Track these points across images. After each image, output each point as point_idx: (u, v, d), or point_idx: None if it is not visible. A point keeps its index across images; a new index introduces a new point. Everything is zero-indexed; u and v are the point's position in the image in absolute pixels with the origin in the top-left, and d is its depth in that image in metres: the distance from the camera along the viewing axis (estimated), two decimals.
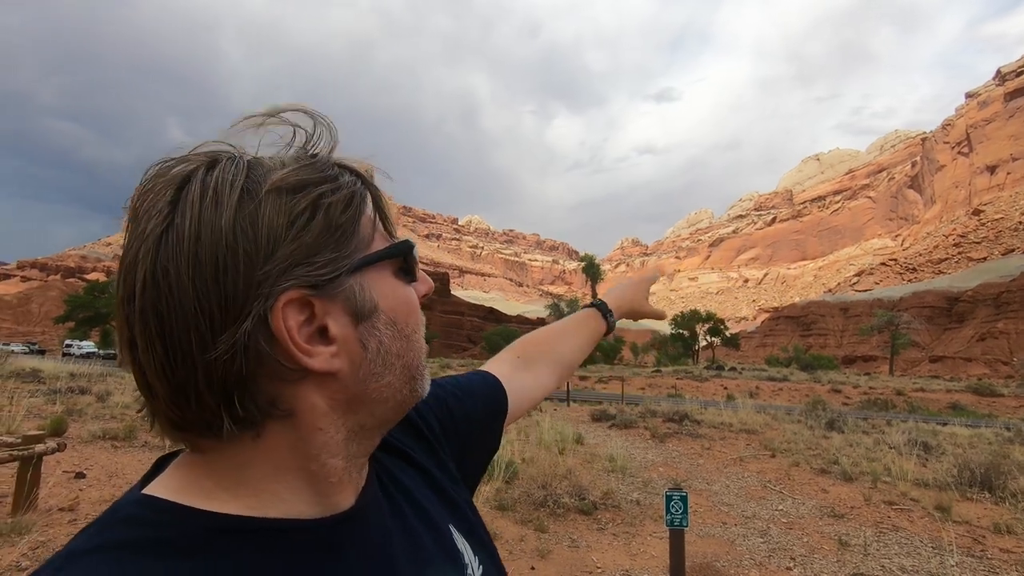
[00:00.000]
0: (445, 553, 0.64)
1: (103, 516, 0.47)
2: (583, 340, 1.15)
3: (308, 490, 0.53)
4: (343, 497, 0.55)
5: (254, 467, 0.50)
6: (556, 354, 1.09)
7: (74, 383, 14.79)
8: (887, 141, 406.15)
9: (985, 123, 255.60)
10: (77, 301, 70.28)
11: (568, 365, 1.11)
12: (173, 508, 0.48)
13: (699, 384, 36.94)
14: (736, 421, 14.28)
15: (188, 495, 0.49)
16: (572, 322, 1.16)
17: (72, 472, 6.32)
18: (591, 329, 1.17)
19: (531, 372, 1.03)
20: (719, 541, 5.84)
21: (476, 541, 0.70)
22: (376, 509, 0.59)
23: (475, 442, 0.86)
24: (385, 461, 0.67)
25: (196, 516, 0.47)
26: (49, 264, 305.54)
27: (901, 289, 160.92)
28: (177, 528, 0.46)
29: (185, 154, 0.50)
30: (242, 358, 0.45)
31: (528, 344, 1.09)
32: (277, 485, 0.51)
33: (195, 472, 0.51)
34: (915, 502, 7.32)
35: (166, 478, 0.52)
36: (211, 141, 0.51)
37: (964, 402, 31.52)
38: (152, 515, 0.47)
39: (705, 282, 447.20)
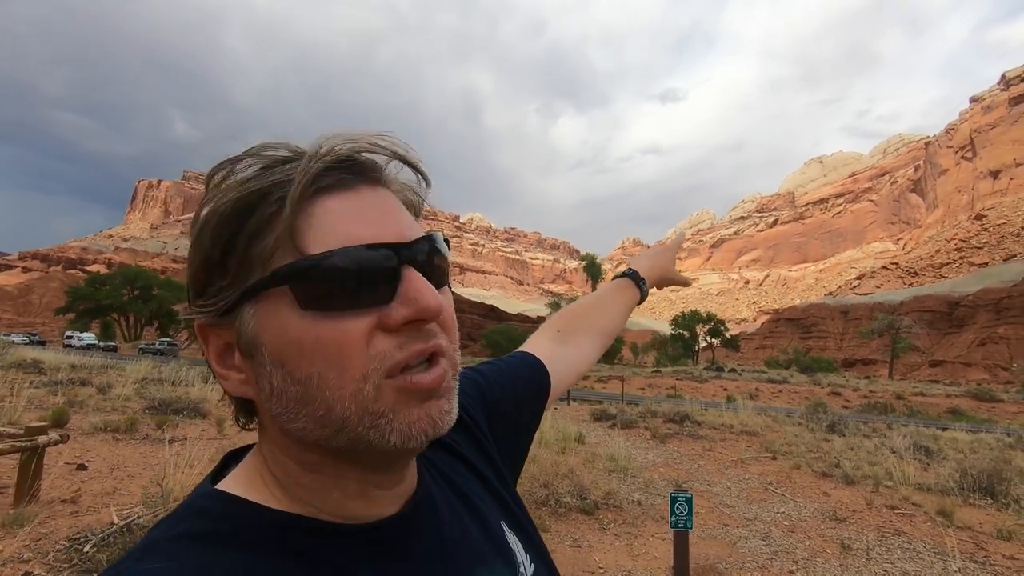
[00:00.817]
0: (498, 551, 0.62)
1: (178, 509, 0.50)
2: (620, 309, 1.15)
3: (338, 492, 0.52)
4: (387, 502, 0.55)
5: (285, 465, 0.52)
6: (596, 324, 1.09)
7: (75, 374, 14.80)
8: (890, 145, 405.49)
9: (989, 128, 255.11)
10: (78, 293, 70.43)
11: (608, 334, 1.11)
12: (242, 503, 0.50)
13: (699, 385, 36.94)
14: (737, 423, 14.27)
15: (254, 491, 0.51)
16: (608, 292, 1.16)
17: (74, 464, 6.32)
18: (626, 298, 1.17)
19: (573, 344, 1.03)
20: (721, 543, 5.82)
21: (526, 538, 0.69)
22: (428, 510, 0.58)
23: (520, 427, 0.85)
24: (434, 458, 0.66)
25: (262, 512, 0.50)
26: (51, 255, 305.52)
27: (902, 293, 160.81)
28: (246, 522, 0.48)
29: (268, 145, 0.50)
30: None
31: (567, 317, 1.09)
32: (310, 484, 0.51)
33: (258, 469, 0.54)
34: (917, 507, 7.30)
35: (237, 474, 0.54)
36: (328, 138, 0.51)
37: (964, 407, 31.49)
38: (223, 508, 0.49)
39: (706, 283, 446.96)
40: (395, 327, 0.47)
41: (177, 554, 0.44)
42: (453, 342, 0.53)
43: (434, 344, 0.49)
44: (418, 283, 0.48)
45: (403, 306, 0.47)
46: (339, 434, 0.47)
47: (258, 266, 0.47)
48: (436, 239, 0.54)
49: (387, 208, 0.52)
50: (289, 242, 0.47)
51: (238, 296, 0.47)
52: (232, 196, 0.47)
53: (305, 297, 0.46)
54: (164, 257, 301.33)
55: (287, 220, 0.46)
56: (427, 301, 0.48)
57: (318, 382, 0.46)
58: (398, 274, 0.48)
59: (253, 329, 0.48)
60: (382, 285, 0.48)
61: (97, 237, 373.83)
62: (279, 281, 0.46)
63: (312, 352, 0.46)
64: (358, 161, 0.51)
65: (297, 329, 0.46)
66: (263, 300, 0.47)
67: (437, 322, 0.51)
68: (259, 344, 0.47)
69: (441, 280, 0.54)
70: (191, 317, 0.50)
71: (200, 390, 12.83)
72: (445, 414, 0.50)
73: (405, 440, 0.47)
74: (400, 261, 0.49)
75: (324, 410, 0.46)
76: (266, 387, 0.48)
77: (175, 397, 11.00)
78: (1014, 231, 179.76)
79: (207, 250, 0.48)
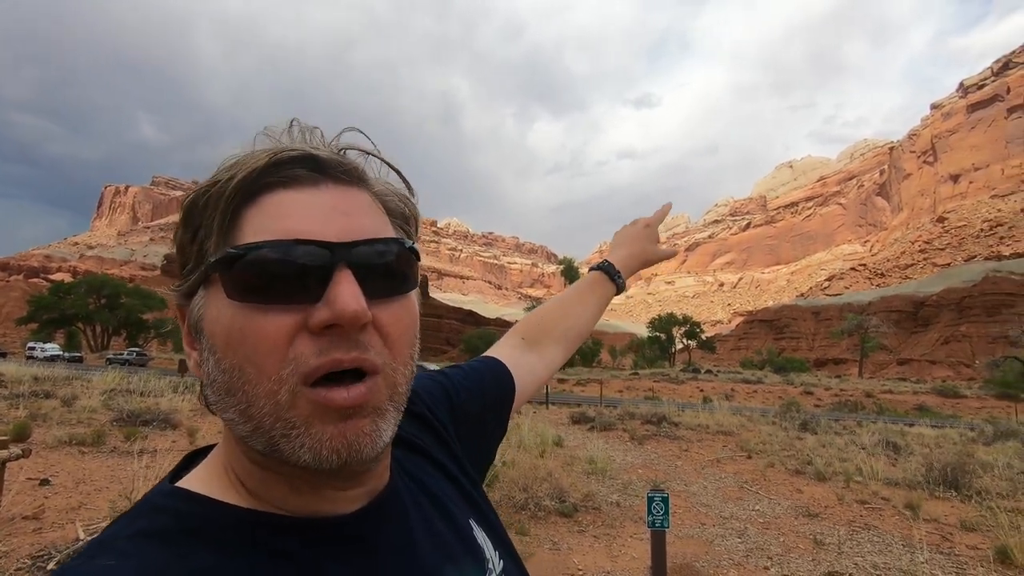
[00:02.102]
0: (467, 548, 0.62)
1: (134, 507, 0.49)
2: (591, 309, 1.10)
3: (292, 492, 0.51)
4: (351, 501, 0.53)
5: (240, 461, 0.51)
6: (562, 329, 1.05)
7: (38, 387, 14.26)
8: (856, 149, 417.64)
9: (949, 134, 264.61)
10: (41, 302, 67.99)
11: (576, 338, 1.07)
12: (202, 499, 0.49)
13: (676, 387, 37.38)
14: (713, 423, 14.48)
15: (215, 488, 0.51)
16: (578, 290, 1.11)
17: (36, 479, 6.10)
18: (599, 295, 1.11)
19: (537, 352, 1.00)
20: (698, 542, 5.90)
21: (495, 536, 0.69)
22: (396, 507, 0.57)
23: (486, 432, 0.84)
24: (401, 457, 0.65)
25: (223, 508, 0.49)
26: (11, 264, 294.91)
27: (870, 294, 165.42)
28: (206, 519, 0.47)
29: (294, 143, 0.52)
30: None
31: (532, 324, 1.05)
32: (264, 480, 0.51)
33: (221, 465, 0.53)
34: (886, 501, 7.51)
35: (198, 472, 0.54)
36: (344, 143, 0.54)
37: (930, 403, 32.55)
38: (182, 506, 0.48)
39: (681, 286, 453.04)
40: (316, 330, 0.45)
41: (132, 552, 0.43)
42: (397, 359, 0.50)
43: (355, 356, 0.46)
44: (343, 287, 0.45)
45: (324, 308, 0.45)
46: (256, 434, 0.46)
47: (212, 252, 0.48)
48: (391, 245, 0.51)
49: (346, 207, 0.50)
50: (233, 230, 0.48)
51: (193, 280, 0.49)
52: (206, 182, 0.49)
53: (231, 286, 0.46)
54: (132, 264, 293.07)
55: (227, 209, 0.48)
56: (344, 305, 0.44)
57: (240, 374, 0.45)
58: (329, 274, 0.46)
59: (198, 313, 0.49)
60: (313, 284, 0.46)
61: (61, 244, 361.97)
62: (212, 269, 0.47)
63: (236, 343, 0.45)
64: (322, 158, 0.50)
65: (226, 318, 0.46)
66: (210, 286, 0.48)
67: (380, 335, 0.48)
68: (201, 328, 0.49)
69: (393, 289, 0.51)
70: (171, 295, 0.53)
71: (170, 400, 12.50)
72: (365, 437, 0.46)
73: (316, 459, 0.45)
74: (335, 261, 0.46)
75: (244, 404, 0.45)
76: (206, 371, 0.48)
77: (144, 408, 10.69)
78: (974, 233, 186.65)
79: (180, 234, 0.51)
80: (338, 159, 0.51)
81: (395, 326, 0.50)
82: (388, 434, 0.49)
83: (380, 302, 0.49)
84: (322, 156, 0.50)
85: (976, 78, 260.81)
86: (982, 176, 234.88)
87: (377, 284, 0.48)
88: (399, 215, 0.57)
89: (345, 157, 0.52)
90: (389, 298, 0.50)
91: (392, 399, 0.50)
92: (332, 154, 0.51)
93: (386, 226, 0.53)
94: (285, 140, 0.52)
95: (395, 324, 0.50)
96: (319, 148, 0.51)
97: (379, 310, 0.48)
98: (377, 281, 0.49)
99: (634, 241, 1.19)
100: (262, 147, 0.50)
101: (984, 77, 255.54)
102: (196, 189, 0.50)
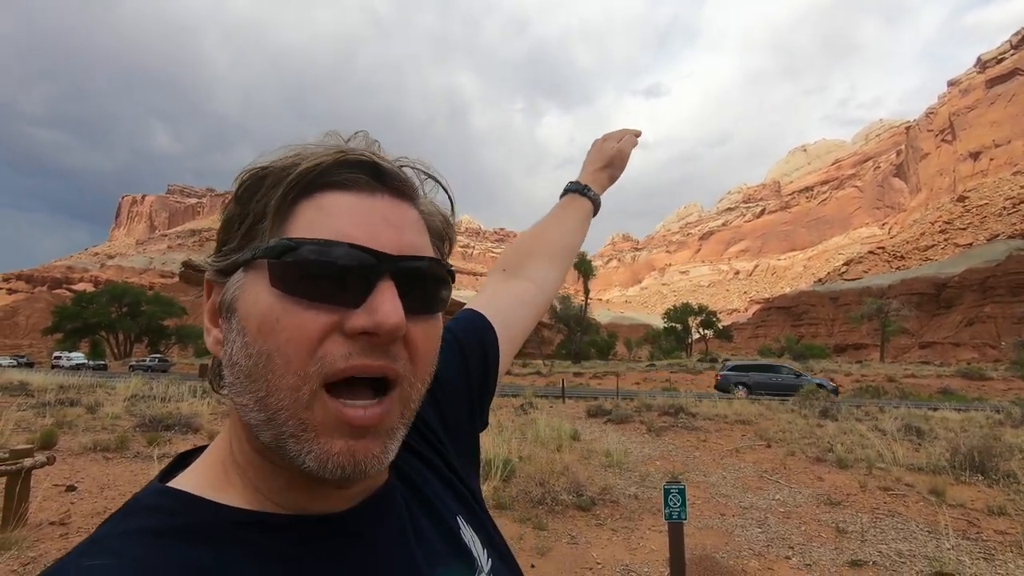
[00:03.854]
0: (455, 549, 0.62)
1: (125, 506, 0.49)
2: (572, 224, 1.08)
3: (289, 484, 0.51)
4: (344, 499, 0.54)
5: (244, 449, 0.51)
6: (546, 247, 1.02)
7: (64, 395, 14.58)
8: (872, 130, 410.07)
9: (967, 110, 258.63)
10: (65, 312, 69.62)
11: (565, 252, 1.04)
12: (191, 499, 0.49)
13: (693, 377, 37.15)
14: (731, 412, 14.34)
15: (209, 485, 0.51)
16: (553, 214, 1.09)
17: (63, 485, 6.22)
18: (577, 210, 1.10)
19: (524, 277, 0.97)
20: (717, 532, 5.85)
21: (485, 536, 0.68)
22: (386, 508, 0.57)
23: (472, 398, 0.81)
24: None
25: (212, 507, 0.49)
26: (35, 276, 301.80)
27: (889, 277, 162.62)
28: (197, 518, 0.48)
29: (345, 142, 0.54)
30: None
31: (512, 252, 1.02)
32: (265, 470, 0.51)
33: (220, 459, 0.53)
34: (910, 487, 7.38)
35: (193, 469, 0.54)
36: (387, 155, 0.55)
37: (954, 387, 31.90)
38: (173, 505, 0.49)
39: (696, 275, 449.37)
40: (351, 334, 0.46)
41: (122, 551, 0.43)
42: (418, 375, 0.51)
43: (383, 364, 0.47)
44: (386, 297, 0.46)
45: (364, 315, 0.46)
46: (267, 425, 0.46)
47: (259, 237, 0.49)
48: (433, 264, 0.52)
49: (397, 220, 0.51)
50: (286, 221, 0.49)
51: (236, 259, 0.50)
52: (261, 165, 0.50)
53: (277, 276, 0.46)
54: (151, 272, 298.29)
55: (284, 201, 0.49)
56: (385, 316, 0.45)
57: (266, 362, 0.45)
58: (373, 282, 0.47)
59: (234, 293, 0.49)
60: (355, 288, 0.46)
61: (82, 255, 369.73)
62: (262, 254, 0.47)
63: (269, 332, 0.46)
64: (384, 167, 0.51)
65: (265, 304, 0.46)
66: (252, 269, 0.48)
67: (408, 349, 0.49)
68: (234, 308, 0.49)
69: (428, 307, 0.52)
70: (204, 268, 0.53)
71: (191, 405, 12.70)
72: (373, 458, 0.47)
73: (319, 468, 0.45)
74: (380, 270, 0.47)
75: (264, 393, 0.46)
76: (228, 352, 0.49)
77: (166, 413, 10.87)
78: (996, 211, 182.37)
79: (231, 210, 0.51)
80: (397, 172, 0.52)
81: (424, 342, 0.50)
82: (393, 454, 0.50)
83: (414, 318, 0.49)
84: (384, 166, 0.51)
85: (994, 52, 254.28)
86: (1003, 152, 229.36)
87: (415, 300, 0.49)
88: (437, 235, 0.58)
89: (403, 171, 0.53)
90: (423, 315, 0.51)
91: (403, 416, 0.51)
92: (392, 166, 0.52)
93: (428, 245, 0.54)
94: (352, 144, 0.53)
95: (424, 341, 0.51)
96: (383, 158, 0.52)
97: (412, 325, 0.49)
98: (416, 298, 0.49)
99: (596, 155, 1.19)
100: (329, 144, 0.51)
101: (1003, 51, 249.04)
102: (254, 167, 0.50)
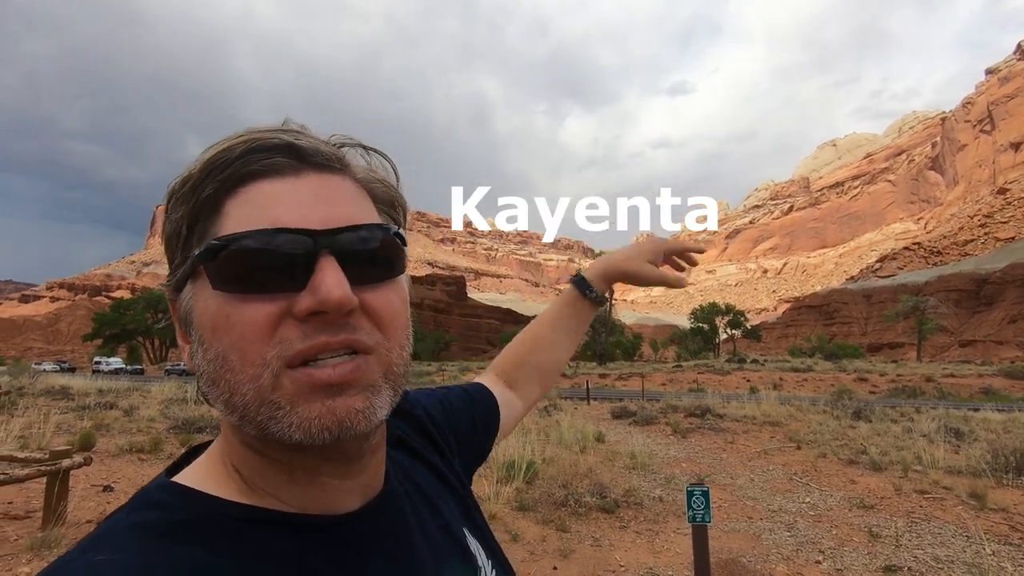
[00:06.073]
0: (461, 553, 0.63)
1: (131, 501, 0.49)
2: (567, 337, 1.03)
3: (290, 481, 0.51)
4: (346, 495, 0.53)
5: (239, 451, 0.51)
6: (534, 364, 1.02)
7: (102, 399, 15.13)
8: (905, 123, 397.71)
9: (1007, 99, 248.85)
10: (104, 319, 72.22)
11: (551, 370, 1.04)
12: (196, 495, 0.49)
13: (721, 377, 36.50)
14: (759, 413, 14.05)
15: (212, 482, 0.51)
16: (550, 317, 1.04)
17: (100, 485, 6.45)
18: (572, 316, 1.03)
19: (513, 390, 1.01)
20: (745, 536, 5.73)
21: (487, 546, 0.69)
22: (393, 508, 0.58)
23: (472, 454, 0.86)
24: (397, 457, 0.66)
25: (217, 503, 0.49)
26: (76, 284, 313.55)
27: (926, 273, 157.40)
28: (201, 515, 0.47)
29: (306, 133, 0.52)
30: None
31: (507, 362, 1.03)
32: (263, 470, 0.51)
33: (220, 458, 0.53)
34: (948, 490, 7.11)
35: (196, 465, 0.54)
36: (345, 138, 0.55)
37: (997, 386, 30.66)
38: (176, 500, 0.48)
39: (723, 274, 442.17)
40: (301, 316, 0.45)
41: (126, 546, 0.43)
42: (392, 340, 0.50)
43: (344, 337, 0.46)
44: (326, 274, 0.45)
45: (308, 295, 0.45)
46: (244, 421, 0.46)
47: (195, 245, 0.48)
48: (374, 230, 0.51)
49: (329, 195, 0.50)
50: (216, 222, 0.48)
51: (181, 273, 0.49)
52: (181, 176, 0.49)
53: (215, 277, 0.46)
54: None
55: (206, 199, 0.48)
56: (328, 292, 0.44)
57: (223, 363, 0.45)
58: (312, 262, 0.46)
59: (187, 305, 0.49)
60: (297, 272, 0.46)
61: (120, 263, 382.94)
62: (197, 260, 0.47)
63: (221, 332, 0.45)
64: (300, 145, 0.50)
65: (214, 307, 0.46)
66: (196, 278, 0.48)
67: (371, 319, 0.48)
68: (190, 321, 0.49)
69: (380, 274, 0.50)
70: (162, 290, 0.53)
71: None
72: (357, 413, 0.46)
73: (307, 435, 0.45)
74: (317, 248, 0.46)
75: (228, 393, 0.45)
76: (196, 363, 0.48)
77: (198, 415, 11.18)
78: None
79: (165, 227, 0.50)
80: (317, 147, 0.50)
81: (386, 309, 0.50)
82: (383, 411, 0.49)
83: (368, 288, 0.49)
84: (301, 144, 0.49)
85: None
86: None
87: (363, 270, 0.48)
88: (385, 201, 0.57)
89: (325, 145, 0.52)
90: (377, 283, 0.50)
91: (387, 377, 0.49)
92: (312, 142, 0.50)
93: (371, 213, 0.53)
94: (267, 131, 0.51)
95: (386, 307, 0.50)
96: (299, 137, 0.50)
97: (367, 294, 0.48)
98: (363, 267, 0.48)
99: (630, 250, 1.05)
100: (242, 136, 0.49)
101: None
102: (176, 179, 0.49)
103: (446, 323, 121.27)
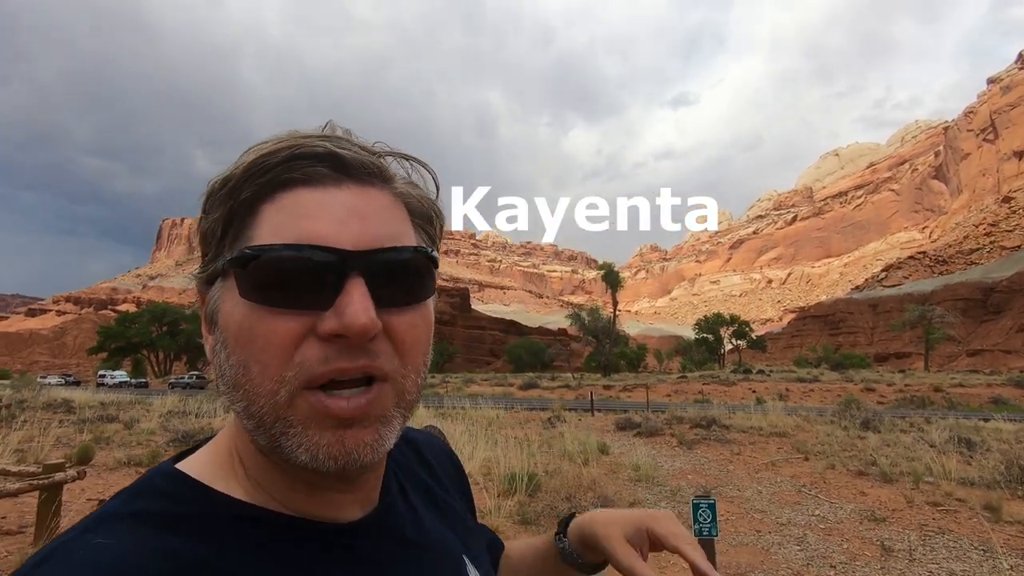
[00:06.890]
0: (457, 570, 0.63)
1: (135, 484, 0.49)
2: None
3: (290, 487, 0.51)
4: (346, 506, 0.54)
5: (248, 447, 0.51)
6: None
7: (104, 412, 15.06)
8: (908, 132, 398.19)
9: (1009, 108, 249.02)
10: (109, 332, 72.42)
11: None
12: (201, 488, 0.49)
13: (727, 388, 36.18)
14: (766, 424, 13.86)
15: (218, 475, 0.51)
16: (529, 563, 0.86)
17: (96, 500, 6.35)
18: (548, 568, 0.82)
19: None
20: (753, 550, 5.58)
21: (483, 571, 0.69)
22: (394, 521, 0.58)
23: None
24: (402, 479, 0.66)
25: (221, 499, 0.49)
26: (82, 297, 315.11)
27: (932, 282, 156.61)
28: (203, 508, 0.47)
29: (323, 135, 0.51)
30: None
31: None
32: (267, 471, 0.51)
33: (227, 450, 0.53)
34: (961, 502, 6.94)
35: (203, 454, 0.54)
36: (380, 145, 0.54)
37: (1007, 396, 30.26)
38: (181, 491, 0.48)
39: (727, 285, 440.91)
40: (325, 337, 0.45)
41: (128, 532, 0.43)
42: (409, 366, 0.49)
43: (363, 364, 0.45)
44: (353, 297, 0.45)
45: (334, 317, 0.44)
46: (259, 430, 0.46)
47: (229, 246, 0.48)
48: (408, 254, 0.50)
49: (365, 210, 0.49)
50: (251, 226, 0.48)
51: (212, 270, 0.50)
52: (222, 176, 0.49)
53: (243, 284, 0.46)
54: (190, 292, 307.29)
55: (245, 202, 0.48)
56: (353, 318, 0.44)
57: (245, 371, 0.45)
58: (341, 282, 0.45)
59: (215, 304, 0.49)
60: (325, 290, 0.45)
61: (126, 277, 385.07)
62: (229, 265, 0.47)
63: (245, 340, 0.45)
64: (344, 156, 0.49)
65: (239, 314, 0.46)
66: (226, 279, 0.48)
67: (392, 342, 0.48)
68: (216, 320, 0.49)
69: (408, 299, 0.49)
70: (194, 278, 0.53)
71: (223, 420, 12.93)
72: (366, 445, 0.46)
73: (312, 461, 0.45)
74: (347, 269, 0.46)
75: (247, 401, 0.46)
76: (217, 362, 0.49)
77: (198, 428, 11.12)
78: None
79: (201, 222, 0.51)
80: (359, 158, 0.50)
81: (408, 334, 0.49)
82: (392, 441, 0.49)
83: (394, 311, 0.48)
84: (344, 155, 0.49)
85: None
86: None
87: (391, 293, 0.48)
88: (422, 215, 0.55)
89: (368, 155, 0.51)
90: (403, 307, 0.49)
91: (399, 405, 0.49)
92: (355, 154, 0.50)
93: (405, 230, 0.52)
94: (312, 137, 0.50)
95: (408, 332, 0.49)
96: (342, 145, 0.49)
97: (392, 318, 0.48)
98: (391, 290, 0.48)
99: (615, 516, 0.72)
100: (286, 141, 0.49)
101: None
102: (217, 177, 0.49)
103: (450, 335, 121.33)
